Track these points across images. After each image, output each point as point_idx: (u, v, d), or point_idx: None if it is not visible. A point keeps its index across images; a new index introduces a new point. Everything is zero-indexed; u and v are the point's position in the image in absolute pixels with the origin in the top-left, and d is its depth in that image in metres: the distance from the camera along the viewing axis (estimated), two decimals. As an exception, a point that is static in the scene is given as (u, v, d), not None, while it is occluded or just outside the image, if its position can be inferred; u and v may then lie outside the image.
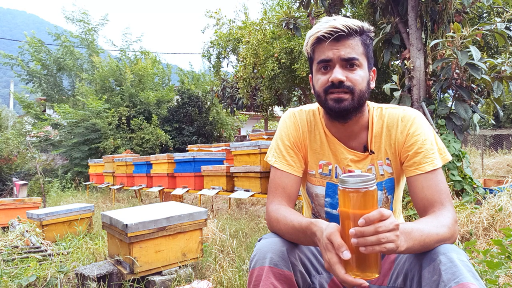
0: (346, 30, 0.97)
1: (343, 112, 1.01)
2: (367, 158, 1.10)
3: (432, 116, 3.94)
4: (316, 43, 1.02)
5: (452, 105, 3.90)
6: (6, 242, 2.64)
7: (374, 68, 1.09)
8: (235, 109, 11.51)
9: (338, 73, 0.98)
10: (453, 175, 3.48)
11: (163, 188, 5.05)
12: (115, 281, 2.00)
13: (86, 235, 3.29)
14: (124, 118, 10.66)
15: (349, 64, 0.99)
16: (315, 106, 1.18)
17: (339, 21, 0.98)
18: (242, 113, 14.96)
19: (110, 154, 9.06)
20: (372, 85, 1.07)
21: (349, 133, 1.10)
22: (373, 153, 1.10)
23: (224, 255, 2.41)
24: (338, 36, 0.97)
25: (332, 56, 0.99)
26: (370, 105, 1.13)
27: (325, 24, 0.99)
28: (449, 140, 3.65)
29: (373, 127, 1.09)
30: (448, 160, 1.04)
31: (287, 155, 1.13)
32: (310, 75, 1.12)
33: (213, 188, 4.15)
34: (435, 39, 4.14)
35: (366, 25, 1.02)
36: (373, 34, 1.05)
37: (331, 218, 1.15)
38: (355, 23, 0.99)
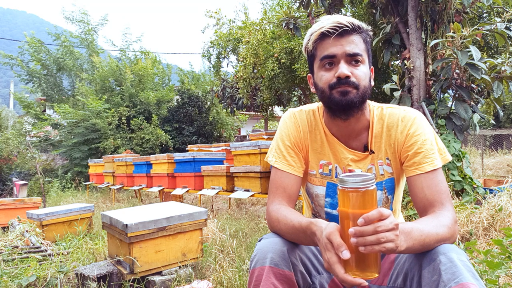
0: (350, 26, 0.98)
1: (349, 104, 0.99)
2: (367, 157, 1.10)
3: (432, 116, 3.94)
4: (320, 39, 1.01)
5: (452, 105, 3.90)
6: (6, 242, 2.64)
7: (372, 67, 1.10)
8: (235, 109, 11.51)
9: (344, 69, 0.98)
10: (453, 175, 3.48)
11: (163, 188, 5.05)
12: (115, 281, 2.00)
13: (86, 235, 3.29)
14: (124, 118, 10.66)
15: (353, 60, 0.99)
16: (315, 106, 1.18)
17: (342, 17, 0.99)
18: (242, 113, 14.96)
19: (110, 154, 9.05)
20: (372, 83, 1.08)
21: (349, 132, 1.10)
22: (373, 153, 1.10)
23: (224, 255, 2.41)
24: (342, 32, 0.98)
25: (337, 51, 0.98)
26: (371, 104, 1.13)
27: (327, 20, 1.00)
28: (449, 140, 3.65)
29: (374, 127, 1.09)
30: (448, 160, 1.04)
31: (287, 155, 1.13)
32: (309, 74, 1.12)
33: (213, 188, 4.15)
34: (435, 39, 4.14)
35: (364, 25, 1.04)
36: (371, 33, 1.07)
37: (331, 218, 1.15)
38: (355, 21, 1.00)
